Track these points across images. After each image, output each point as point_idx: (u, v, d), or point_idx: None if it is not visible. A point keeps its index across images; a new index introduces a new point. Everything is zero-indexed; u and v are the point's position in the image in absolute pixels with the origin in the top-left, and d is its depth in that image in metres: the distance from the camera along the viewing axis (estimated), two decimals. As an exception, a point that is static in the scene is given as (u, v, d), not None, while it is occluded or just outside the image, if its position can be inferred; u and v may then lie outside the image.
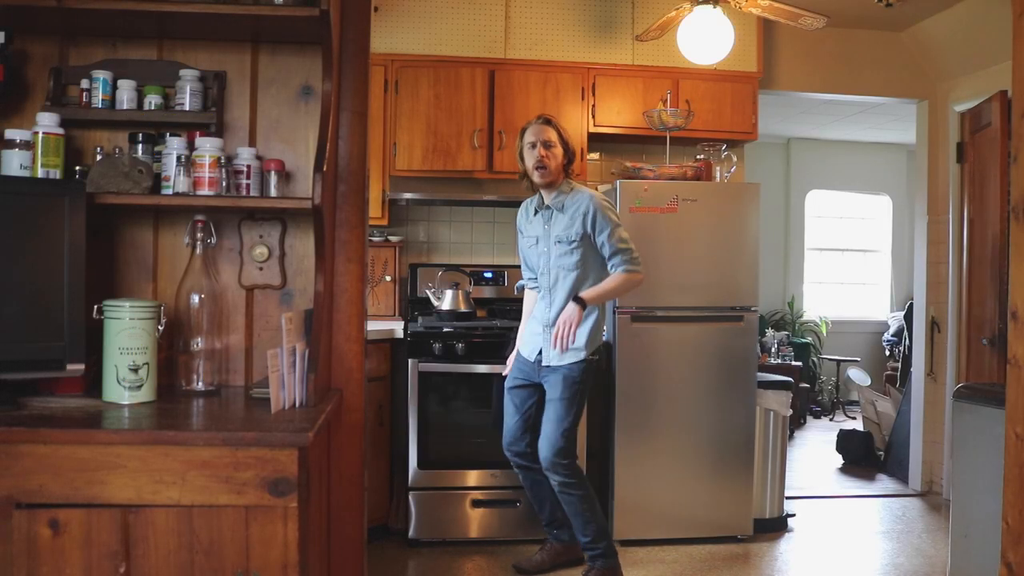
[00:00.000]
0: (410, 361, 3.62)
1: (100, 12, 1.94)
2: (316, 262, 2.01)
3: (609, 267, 3.15)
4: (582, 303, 3.07)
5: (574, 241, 3.13)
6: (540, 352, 3.22)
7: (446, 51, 4.08)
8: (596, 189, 3.89)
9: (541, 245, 3.24)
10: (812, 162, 8.08)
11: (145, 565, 1.61)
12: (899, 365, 6.92)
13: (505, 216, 4.50)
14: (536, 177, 3.15)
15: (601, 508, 3.24)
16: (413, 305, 4.19)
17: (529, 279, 3.40)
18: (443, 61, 4.07)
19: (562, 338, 3.05)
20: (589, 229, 3.11)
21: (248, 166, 2.09)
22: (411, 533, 3.62)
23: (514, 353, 3.41)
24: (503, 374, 3.43)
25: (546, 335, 3.20)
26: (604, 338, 3.33)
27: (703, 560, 3.55)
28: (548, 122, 3.18)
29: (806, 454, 5.81)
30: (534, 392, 3.27)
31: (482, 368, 3.66)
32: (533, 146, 3.14)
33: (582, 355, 3.14)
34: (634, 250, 3.15)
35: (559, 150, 3.15)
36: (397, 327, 3.75)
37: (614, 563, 3.18)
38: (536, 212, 3.28)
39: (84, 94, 2.08)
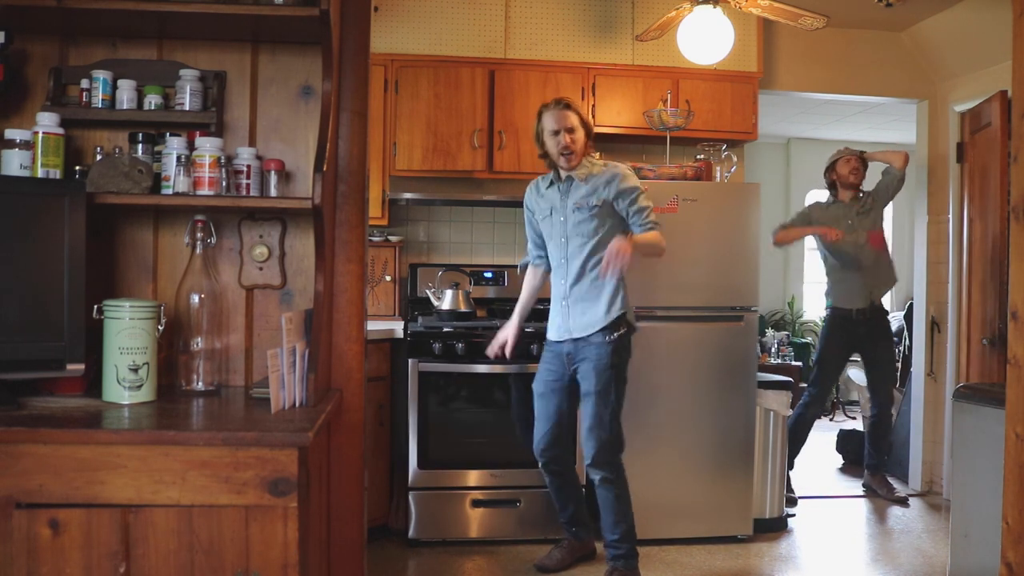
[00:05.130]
0: (410, 361, 3.62)
1: (100, 12, 1.94)
2: (316, 262, 2.01)
3: (639, 226, 3.12)
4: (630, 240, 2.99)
5: (594, 207, 3.12)
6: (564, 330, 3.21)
7: (446, 51, 4.08)
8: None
9: (556, 215, 3.22)
10: (812, 162, 8.07)
11: (145, 565, 1.61)
12: (899, 365, 6.91)
13: (505, 216, 4.50)
14: (563, 163, 3.18)
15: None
16: (413, 305, 4.19)
17: (536, 256, 3.40)
18: (443, 61, 4.07)
19: (612, 263, 2.93)
20: (613, 196, 3.11)
21: (248, 166, 2.09)
22: (411, 533, 3.62)
23: (507, 329, 3.41)
24: (489, 354, 3.44)
25: (563, 309, 3.20)
26: (622, 311, 3.16)
27: (703, 560, 3.55)
28: (568, 107, 3.19)
29: (806, 454, 5.80)
30: (566, 395, 3.25)
31: (482, 368, 3.65)
32: (555, 133, 3.15)
33: (603, 321, 3.10)
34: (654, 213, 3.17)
35: (580, 133, 3.17)
36: (397, 327, 3.75)
37: (635, 565, 3.19)
38: (551, 185, 3.28)
39: (84, 94, 2.09)
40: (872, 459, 4.73)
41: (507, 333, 3.43)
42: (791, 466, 4.67)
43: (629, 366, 3.21)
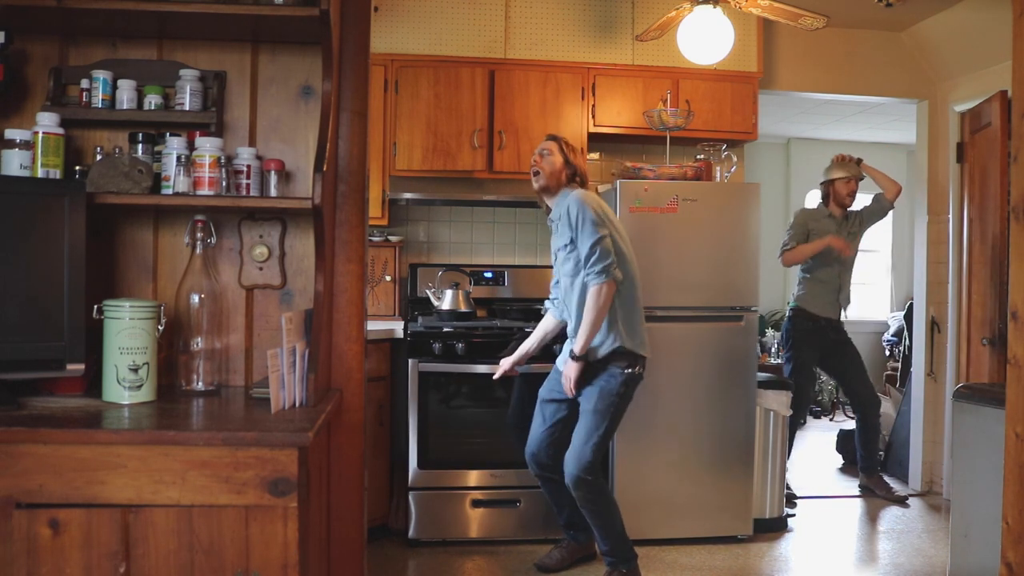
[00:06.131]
0: (410, 361, 3.62)
1: (100, 12, 1.94)
2: (316, 262, 2.01)
3: (584, 279, 3.06)
4: (578, 357, 3.06)
5: (567, 246, 3.12)
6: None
7: (446, 51, 4.08)
8: (596, 190, 3.89)
9: (556, 257, 3.26)
10: (812, 162, 8.07)
11: (145, 565, 1.61)
12: (899, 365, 6.92)
13: (505, 216, 4.50)
14: (533, 183, 3.21)
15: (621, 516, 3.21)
16: (413, 305, 4.19)
17: (555, 299, 3.38)
18: (443, 61, 4.07)
19: (567, 389, 3.12)
20: (572, 231, 3.08)
21: (248, 166, 2.09)
22: (411, 533, 3.62)
23: (512, 357, 3.40)
24: (494, 378, 3.46)
25: (568, 343, 3.23)
26: (618, 344, 3.09)
27: (703, 560, 3.55)
28: (553, 138, 3.25)
29: (806, 454, 5.81)
30: (566, 407, 3.25)
31: (482, 368, 3.65)
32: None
33: (598, 353, 3.10)
34: (601, 254, 2.99)
35: (556, 158, 3.17)
36: (397, 327, 3.75)
37: (633, 566, 3.19)
38: (551, 229, 3.33)
39: (84, 94, 2.09)
40: (865, 461, 4.73)
41: (509, 360, 3.42)
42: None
43: (626, 412, 3.21)
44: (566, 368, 3.11)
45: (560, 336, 3.43)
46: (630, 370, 3.11)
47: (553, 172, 3.16)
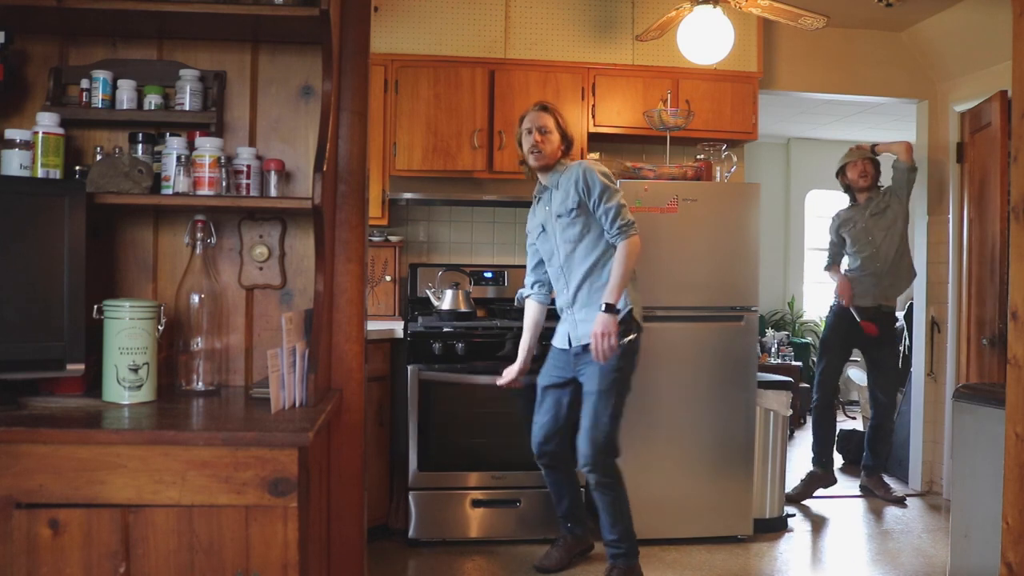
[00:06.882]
0: (409, 368, 3.60)
1: (100, 12, 1.94)
2: (316, 262, 2.01)
3: (608, 235, 3.09)
4: (611, 309, 2.99)
5: (572, 210, 3.11)
6: (570, 338, 3.20)
7: (446, 51, 4.08)
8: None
9: (548, 229, 3.23)
10: (812, 162, 8.09)
11: (145, 565, 1.61)
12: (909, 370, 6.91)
13: (505, 216, 4.50)
14: (531, 161, 3.20)
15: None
16: (413, 305, 4.19)
17: (533, 283, 3.39)
18: (443, 61, 4.07)
19: (603, 351, 2.98)
20: (583, 196, 3.09)
21: (248, 166, 2.09)
22: (411, 533, 3.62)
23: (516, 364, 3.38)
24: (497, 383, 3.40)
25: (569, 318, 3.20)
26: (629, 307, 3.10)
27: (703, 560, 3.55)
28: (545, 108, 3.22)
29: (806, 454, 5.80)
30: (569, 391, 3.24)
31: (483, 379, 3.60)
32: (530, 132, 3.18)
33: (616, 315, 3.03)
34: (625, 212, 3.08)
35: (555, 136, 3.18)
36: (397, 327, 3.75)
37: (635, 563, 3.18)
38: (539, 201, 3.30)
39: (84, 94, 2.09)
40: (869, 461, 4.73)
41: (514, 369, 3.38)
42: (824, 463, 4.63)
43: (634, 375, 3.18)
44: (599, 325, 2.97)
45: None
46: (626, 339, 3.07)
47: (554, 151, 3.18)
